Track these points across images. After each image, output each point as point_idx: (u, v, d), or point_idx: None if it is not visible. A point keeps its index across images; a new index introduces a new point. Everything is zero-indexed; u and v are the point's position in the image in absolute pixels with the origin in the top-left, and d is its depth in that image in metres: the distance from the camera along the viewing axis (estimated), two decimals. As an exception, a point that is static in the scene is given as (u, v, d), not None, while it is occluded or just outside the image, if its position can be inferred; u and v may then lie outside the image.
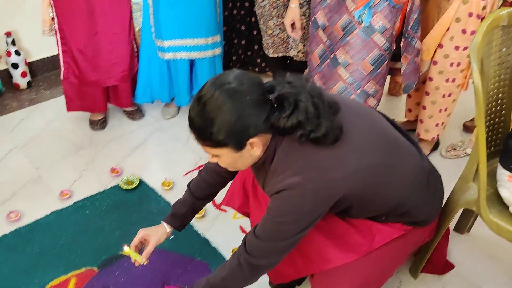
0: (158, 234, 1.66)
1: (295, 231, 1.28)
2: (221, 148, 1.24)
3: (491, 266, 1.93)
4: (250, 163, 1.33)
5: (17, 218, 2.10)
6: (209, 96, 1.19)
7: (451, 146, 2.51)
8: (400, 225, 1.46)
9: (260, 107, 1.20)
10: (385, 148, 1.34)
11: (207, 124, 1.20)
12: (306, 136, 1.20)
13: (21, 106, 2.91)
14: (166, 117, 2.81)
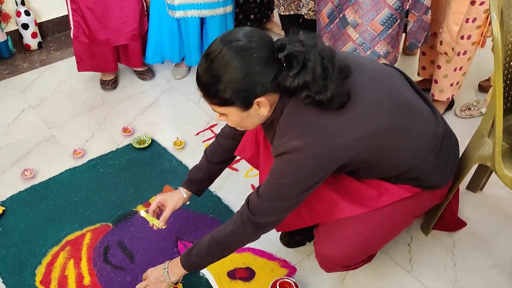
0: (175, 199, 1.69)
1: (295, 193, 1.29)
2: (228, 107, 1.23)
3: (502, 223, 1.93)
4: (258, 123, 1.33)
5: (31, 175, 2.13)
6: (217, 53, 1.18)
7: (466, 106, 2.48)
8: (409, 186, 1.45)
9: (268, 65, 1.18)
10: (396, 114, 1.30)
11: (214, 81, 1.19)
12: (311, 98, 1.18)
13: (32, 67, 2.91)
14: (177, 77, 2.79)
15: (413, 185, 1.45)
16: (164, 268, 1.57)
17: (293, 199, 1.31)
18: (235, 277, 1.72)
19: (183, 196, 1.71)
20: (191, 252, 1.50)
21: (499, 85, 1.36)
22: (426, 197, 1.52)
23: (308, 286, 1.70)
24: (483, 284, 1.71)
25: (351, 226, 1.45)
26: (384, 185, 1.45)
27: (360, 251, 1.47)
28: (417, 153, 1.38)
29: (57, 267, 1.76)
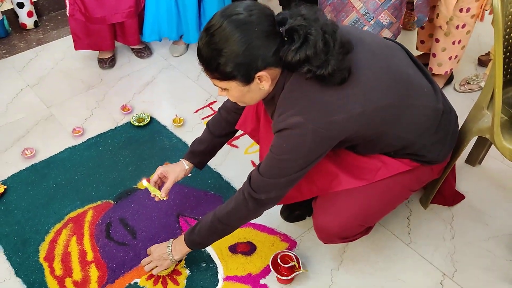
0: (177, 170, 1.70)
1: (295, 169, 1.30)
2: (229, 81, 1.23)
3: (500, 196, 1.94)
4: (259, 98, 1.32)
5: (32, 154, 2.13)
6: (217, 26, 1.17)
7: (465, 80, 2.47)
8: (408, 161, 1.46)
9: (269, 39, 1.17)
10: (396, 90, 1.30)
11: (215, 55, 1.18)
12: (312, 73, 1.18)
13: (29, 46, 2.89)
14: (174, 54, 2.78)
15: (412, 160, 1.46)
16: (168, 246, 1.59)
17: (293, 175, 1.31)
18: (237, 252, 1.74)
19: (185, 168, 1.72)
20: (193, 231, 1.52)
21: (499, 56, 1.36)
22: (424, 171, 1.53)
23: (309, 259, 1.73)
24: (481, 255, 1.74)
25: (349, 198, 1.46)
26: (382, 159, 1.45)
27: (357, 223, 1.48)
28: (416, 129, 1.39)
29: (60, 244, 1.78)
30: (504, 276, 1.67)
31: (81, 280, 1.66)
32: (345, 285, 1.65)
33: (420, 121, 1.39)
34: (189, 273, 1.67)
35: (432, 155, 1.47)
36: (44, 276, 1.67)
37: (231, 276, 1.67)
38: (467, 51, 2.63)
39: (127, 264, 1.70)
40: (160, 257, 1.60)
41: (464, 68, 2.62)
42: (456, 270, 1.69)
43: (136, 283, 1.65)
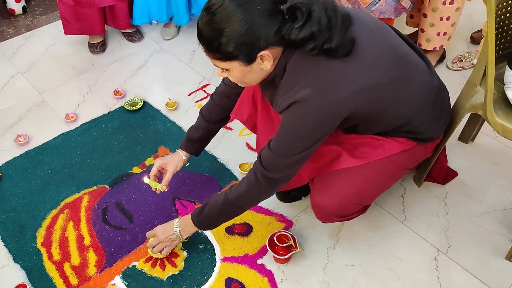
0: (175, 161, 1.71)
1: (305, 146, 1.29)
2: (231, 61, 1.21)
3: (493, 172, 1.96)
4: (261, 78, 1.31)
5: (25, 141, 2.12)
6: (218, 5, 1.14)
7: (458, 58, 2.47)
8: (405, 139, 1.47)
9: (271, 17, 1.15)
10: (395, 65, 1.31)
11: (216, 35, 1.16)
12: (318, 48, 1.17)
13: (18, 32, 2.85)
14: (166, 38, 2.75)
15: (408, 138, 1.48)
16: (175, 227, 1.57)
17: (303, 153, 1.30)
18: (233, 233, 1.76)
19: (183, 158, 1.73)
20: (202, 212, 1.51)
21: (492, 32, 1.36)
22: (419, 150, 1.54)
23: (305, 238, 1.74)
24: (475, 230, 1.76)
25: (346, 178, 1.47)
26: (380, 139, 1.47)
27: (354, 202, 1.50)
28: (414, 105, 1.40)
29: (57, 229, 1.78)
30: (497, 251, 1.69)
31: (80, 265, 1.67)
32: (341, 263, 1.68)
33: (417, 98, 1.40)
34: (186, 255, 1.69)
35: (428, 132, 1.49)
36: (43, 261, 1.68)
37: (228, 257, 1.68)
38: (459, 28, 2.63)
39: (125, 248, 1.71)
40: (169, 239, 1.59)
41: (456, 46, 2.62)
42: (450, 246, 1.72)
43: (134, 266, 1.66)
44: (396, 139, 1.47)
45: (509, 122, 1.49)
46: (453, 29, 2.33)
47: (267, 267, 1.66)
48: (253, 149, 2.09)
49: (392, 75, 1.30)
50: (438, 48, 2.37)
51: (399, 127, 1.43)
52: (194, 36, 2.78)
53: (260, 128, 1.62)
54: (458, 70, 2.45)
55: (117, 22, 2.61)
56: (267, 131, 1.60)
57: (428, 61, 1.47)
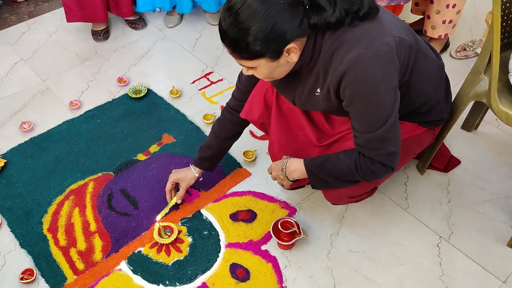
0: (188, 178, 1.76)
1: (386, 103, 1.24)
2: (258, 59, 1.20)
3: (495, 160, 1.97)
4: (287, 71, 1.30)
5: (30, 128, 2.13)
6: (241, 4, 1.13)
7: (461, 47, 2.47)
8: (416, 125, 1.50)
9: (293, 10, 1.15)
10: (411, 34, 1.32)
11: (243, 35, 1.14)
12: (356, 18, 1.18)
13: (20, 20, 2.85)
14: (169, 25, 2.75)
15: (420, 123, 1.50)
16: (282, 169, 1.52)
17: (393, 112, 1.25)
18: (238, 219, 1.77)
19: (195, 176, 1.76)
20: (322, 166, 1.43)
21: (497, 20, 1.36)
22: (426, 135, 1.57)
23: (308, 225, 1.76)
24: (477, 218, 1.78)
25: None
26: None
27: (365, 183, 1.49)
28: (431, 82, 1.42)
29: (63, 215, 1.80)
30: (498, 238, 1.71)
31: (86, 250, 1.69)
32: (345, 249, 1.69)
33: (432, 75, 1.42)
34: (191, 241, 1.71)
35: (441, 113, 1.52)
36: (49, 247, 1.70)
37: (232, 243, 1.70)
38: (463, 17, 2.62)
39: (130, 234, 1.73)
40: (278, 176, 1.55)
41: (459, 34, 2.62)
42: (452, 233, 1.73)
43: (140, 252, 1.68)
44: (408, 123, 1.49)
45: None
46: (458, 17, 2.32)
47: (271, 253, 1.67)
48: (257, 136, 2.10)
49: (413, 40, 1.31)
50: (443, 37, 2.37)
51: (420, 106, 1.44)
52: (197, 23, 2.78)
53: (273, 128, 1.62)
54: (462, 59, 2.45)
55: (120, 10, 2.61)
56: (280, 130, 1.61)
57: (430, 45, 1.50)
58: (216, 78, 2.40)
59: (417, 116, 1.49)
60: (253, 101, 1.62)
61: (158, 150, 2.04)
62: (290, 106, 1.55)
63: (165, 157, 2.01)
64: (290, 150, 1.62)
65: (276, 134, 1.62)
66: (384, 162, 1.32)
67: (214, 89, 2.35)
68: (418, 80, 1.38)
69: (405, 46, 1.26)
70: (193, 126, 2.15)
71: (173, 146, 2.06)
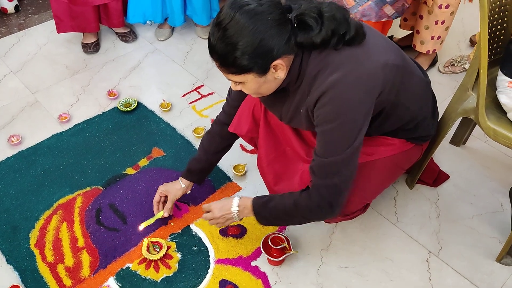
0: (174, 190, 1.74)
1: (352, 133, 1.25)
2: (246, 74, 1.22)
3: (484, 175, 1.99)
4: (275, 87, 1.31)
5: (18, 141, 2.11)
6: (229, 19, 1.15)
7: (449, 62, 2.50)
8: (404, 141, 1.51)
9: (281, 27, 1.16)
10: (399, 54, 1.34)
11: (230, 49, 1.16)
12: (341, 41, 1.20)
13: (10, 32, 2.83)
14: (160, 38, 2.75)
15: (408, 139, 1.51)
16: (233, 207, 1.50)
17: (354, 142, 1.26)
18: (228, 235, 1.76)
19: (182, 187, 1.75)
20: (266, 206, 1.45)
21: (484, 37, 1.38)
22: (415, 151, 1.58)
23: (299, 240, 1.75)
24: (466, 233, 1.78)
25: None
26: (381, 138, 1.50)
27: (357, 201, 1.51)
28: (418, 100, 1.44)
29: (51, 231, 1.78)
30: (487, 253, 1.72)
31: (73, 266, 1.67)
32: (335, 265, 1.69)
33: (420, 92, 1.44)
34: (180, 257, 1.69)
35: (428, 129, 1.54)
36: (36, 262, 1.68)
37: (222, 259, 1.69)
38: (451, 33, 2.66)
39: (119, 249, 1.71)
40: (224, 218, 1.53)
41: (448, 49, 2.65)
42: (442, 248, 1.74)
43: (128, 268, 1.66)
44: (396, 140, 1.50)
45: (500, 126, 1.52)
46: (446, 33, 2.35)
47: (261, 269, 1.67)
48: (247, 150, 2.10)
49: (400, 61, 1.32)
50: (431, 52, 2.39)
51: (406, 123, 1.46)
52: (188, 37, 2.79)
53: (261, 142, 1.63)
54: (450, 74, 2.48)
55: (110, 21, 2.60)
56: (268, 145, 1.61)
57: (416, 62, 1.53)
58: (207, 91, 2.40)
59: (404, 132, 1.51)
60: (241, 115, 1.63)
61: (147, 164, 2.03)
62: (278, 121, 1.56)
63: (155, 171, 2.00)
64: (278, 165, 1.62)
65: (265, 148, 1.62)
66: (325, 194, 1.31)
67: (205, 103, 2.35)
68: (405, 98, 1.39)
69: (391, 69, 1.28)
70: (183, 139, 2.14)
71: (162, 160, 2.05)
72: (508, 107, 1.51)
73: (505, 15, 1.56)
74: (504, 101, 1.52)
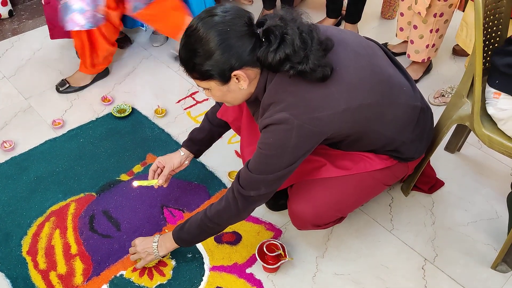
0: (173, 158, 1.74)
1: (282, 165, 1.31)
2: (208, 81, 1.26)
3: (479, 182, 1.99)
4: (243, 98, 1.34)
5: (11, 147, 2.09)
6: (193, 28, 1.21)
7: (439, 93, 2.39)
8: (387, 157, 1.50)
9: (243, 39, 1.20)
10: (378, 90, 1.33)
11: (191, 55, 1.22)
12: (294, 69, 1.20)
13: (4, 37, 2.82)
14: (155, 44, 2.75)
15: (390, 156, 1.50)
16: (154, 242, 1.59)
17: (281, 172, 1.32)
18: (222, 242, 1.75)
19: (181, 154, 1.75)
20: (183, 228, 1.53)
21: (479, 45, 1.39)
22: (400, 168, 1.57)
23: (294, 247, 1.75)
24: (461, 240, 1.78)
25: (324, 188, 1.49)
26: (362, 154, 1.49)
27: (330, 213, 1.52)
28: (397, 126, 1.42)
29: (43, 237, 1.75)
30: (482, 260, 1.71)
31: (66, 273, 1.65)
32: (330, 272, 1.68)
33: (400, 119, 1.42)
34: (175, 264, 1.68)
35: (409, 152, 1.51)
36: (28, 270, 1.65)
37: (217, 266, 1.67)
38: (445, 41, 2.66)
39: (112, 256, 1.70)
40: (145, 252, 1.60)
41: (442, 60, 2.66)
42: (437, 255, 1.73)
43: (122, 275, 1.64)
44: (378, 155, 1.49)
45: (495, 133, 1.52)
46: (441, 41, 2.36)
47: (256, 276, 1.65)
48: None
49: (374, 98, 1.32)
50: (426, 60, 2.40)
51: (381, 147, 1.46)
52: (183, 43, 2.78)
53: (244, 132, 1.64)
54: (440, 106, 2.36)
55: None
56: (250, 135, 1.62)
57: (413, 82, 1.50)
58: (202, 97, 2.40)
59: (384, 152, 1.49)
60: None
61: (142, 170, 2.02)
62: None
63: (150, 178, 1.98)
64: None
65: (246, 138, 1.63)
66: (238, 199, 1.38)
67: (200, 109, 2.34)
68: (379, 126, 1.38)
69: (354, 112, 1.28)
70: (177, 146, 2.13)
71: (157, 166, 2.03)
72: (496, 117, 1.52)
73: (500, 23, 1.57)
74: (491, 112, 1.52)
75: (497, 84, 1.48)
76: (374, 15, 3.05)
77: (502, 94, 1.47)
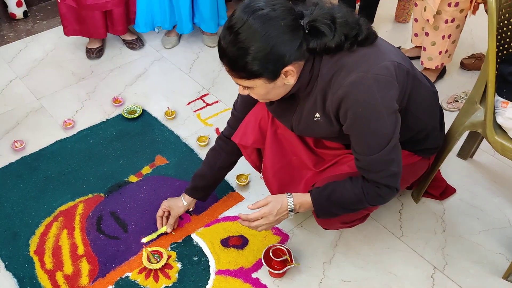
0: (177, 207, 1.73)
1: (388, 126, 1.23)
2: (255, 79, 1.20)
3: (491, 190, 1.95)
4: (283, 93, 1.29)
5: (22, 147, 2.10)
6: (241, 24, 1.13)
7: (453, 98, 2.37)
8: (411, 154, 1.50)
9: (293, 33, 1.15)
10: (407, 61, 1.33)
11: (242, 54, 1.14)
12: (354, 43, 1.20)
13: (18, 37, 2.85)
14: (166, 46, 2.75)
15: (415, 151, 1.50)
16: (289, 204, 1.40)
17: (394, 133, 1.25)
18: (229, 245, 1.74)
19: (184, 204, 1.73)
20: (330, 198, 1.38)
21: (493, 51, 1.36)
22: (421, 165, 1.56)
23: (301, 252, 1.73)
24: (472, 249, 1.75)
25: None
26: None
27: None
28: (426, 110, 1.43)
29: (51, 237, 1.76)
30: (493, 270, 1.68)
31: (72, 274, 1.65)
32: (337, 278, 1.66)
33: (427, 101, 1.43)
34: (180, 267, 1.67)
35: (436, 141, 1.52)
36: (35, 269, 1.66)
37: (223, 270, 1.66)
38: (460, 45, 2.63)
39: (119, 258, 1.70)
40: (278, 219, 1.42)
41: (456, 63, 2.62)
42: (447, 264, 1.70)
43: (127, 277, 1.64)
44: (404, 152, 1.47)
45: (508, 141, 1.49)
46: (454, 46, 2.32)
47: (262, 281, 1.64)
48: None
49: (409, 67, 1.32)
50: (440, 66, 2.36)
51: (416, 133, 1.44)
52: (195, 45, 2.79)
53: (268, 152, 1.60)
54: (453, 111, 2.33)
55: (115, 28, 2.59)
56: (275, 156, 1.59)
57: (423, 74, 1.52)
58: (212, 100, 2.39)
59: (413, 144, 1.49)
60: (247, 126, 1.60)
61: (150, 172, 2.02)
62: (285, 131, 1.54)
63: (157, 179, 1.98)
64: (283, 174, 1.60)
65: (271, 159, 1.60)
66: (388, 184, 1.31)
67: (210, 111, 2.34)
68: (415, 106, 1.38)
69: (403, 71, 1.27)
70: (187, 148, 2.13)
71: (165, 168, 2.03)
72: (506, 126, 1.49)
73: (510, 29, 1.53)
74: (500, 122, 1.49)
75: (505, 93, 1.46)
76: (388, 19, 3.03)
77: (510, 103, 1.45)
